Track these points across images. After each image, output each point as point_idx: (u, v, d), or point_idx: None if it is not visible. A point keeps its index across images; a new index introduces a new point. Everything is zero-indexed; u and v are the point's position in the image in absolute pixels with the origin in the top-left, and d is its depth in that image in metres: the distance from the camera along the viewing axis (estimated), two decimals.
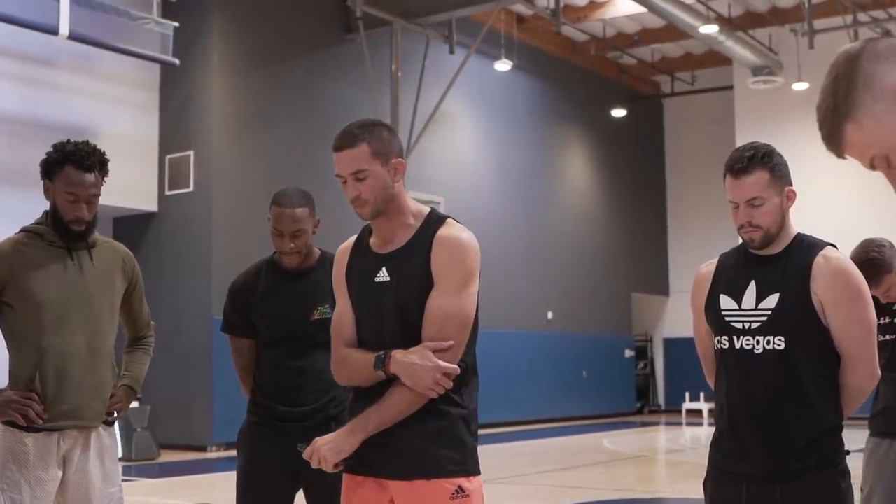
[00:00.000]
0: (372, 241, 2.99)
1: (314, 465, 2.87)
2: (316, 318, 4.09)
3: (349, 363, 2.93)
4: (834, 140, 1.68)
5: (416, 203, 2.99)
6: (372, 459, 2.85)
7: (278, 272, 4.18)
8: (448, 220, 2.94)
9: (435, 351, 2.78)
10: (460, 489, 2.82)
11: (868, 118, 1.63)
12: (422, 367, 2.76)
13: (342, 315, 3.00)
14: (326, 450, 2.83)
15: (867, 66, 1.64)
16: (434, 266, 2.85)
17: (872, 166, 1.67)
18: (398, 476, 2.84)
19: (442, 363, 2.77)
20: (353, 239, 3.09)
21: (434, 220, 2.94)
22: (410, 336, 2.83)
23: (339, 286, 3.04)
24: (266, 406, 4.14)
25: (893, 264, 4.42)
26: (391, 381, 2.81)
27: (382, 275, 2.91)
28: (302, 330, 4.10)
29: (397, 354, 2.79)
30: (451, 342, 2.80)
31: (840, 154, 1.70)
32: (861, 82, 1.63)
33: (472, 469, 2.87)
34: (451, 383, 2.80)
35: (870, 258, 4.23)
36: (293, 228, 4.02)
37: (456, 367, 2.81)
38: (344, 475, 2.97)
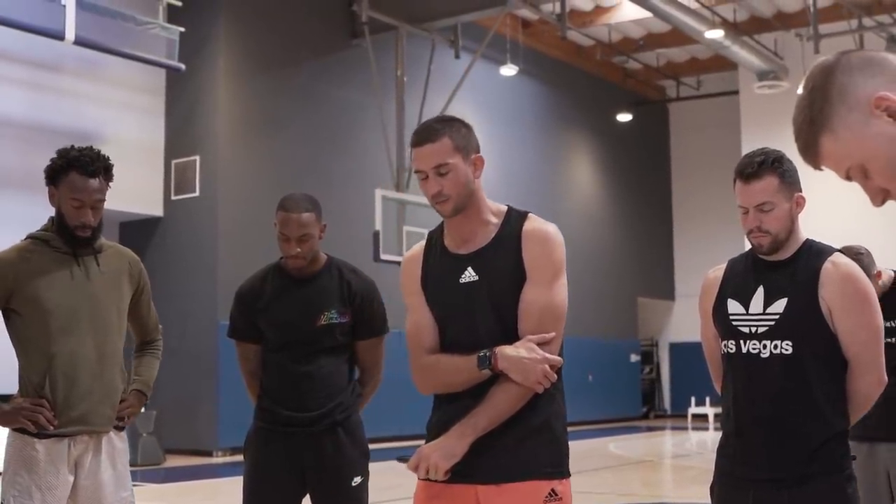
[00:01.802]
0: (447, 242, 2.93)
1: (421, 476, 2.78)
2: (322, 323, 4.09)
3: (438, 369, 2.84)
4: (810, 152, 1.68)
5: (491, 201, 2.95)
6: (473, 465, 2.75)
7: (285, 277, 4.18)
8: (530, 214, 2.91)
9: (538, 344, 2.75)
10: (553, 492, 2.77)
11: (843, 129, 1.63)
12: (531, 360, 2.71)
13: (421, 322, 2.91)
14: (438, 456, 2.73)
15: (841, 77, 1.64)
16: (526, 260, 2.82)
17: (848, 177, 1.68)
18: (494, 480, 2.76)
19: (549, 356, 2.75)
20: (419, 245, 3.01)
21: (517, 216, 2.90)
22: (507, 333, 2.78)
23: (412, 294, 2.95)
24: (272, 411, 4.13)
25: (871, 272, 4.45)
26: (484, 383, 2.75)
27: (469, 275, 2.85)
28: (308, 335, 4.09)
29: (506, 350, 2.73)
30: (553, 334, 2.79)
31: (816, 166, 1.70)
32: (836, 94, 1.64)
33: (565, 470, 2.83)
34: (556, 376, 2.78)
35: None
36: (299, 233, 4.02)
37: (561, 359, 2.79)
38: (417, 485, 2.88)
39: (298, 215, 4.02)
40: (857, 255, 4.40)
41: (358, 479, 4.11)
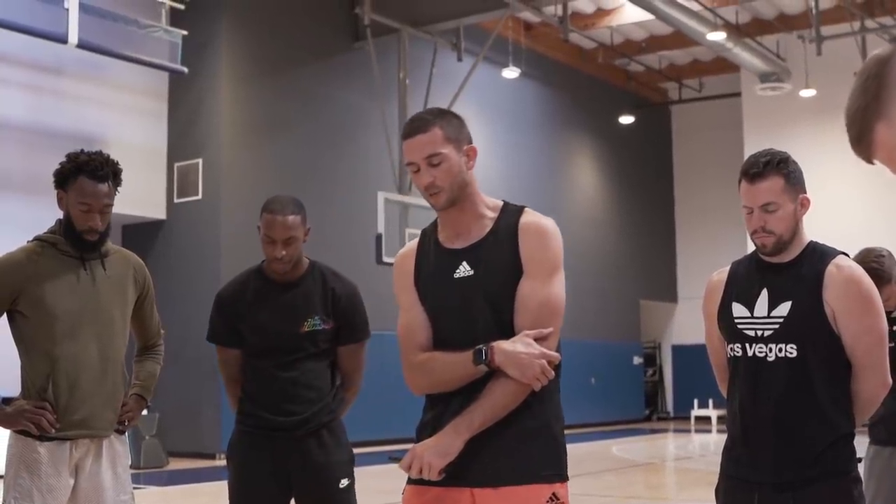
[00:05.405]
0: (441, 237, 2.83)
1: (414, 475, 2.63)
2: (306, 329, 4.03)
3: (433, 367, 2.72)
4: (864, 141, 1.65)
5: (487, 196, 2.88)
6: (469, 467, 2.63)
7: (267, 281, 4.12)
8: (526, 208, 2.83)
9: (536, 339, 2.65)
10: (554, 496, 2.69)
11: None
12: (528, 355, 2.61)
13: (414, 320, 2.80)
14: (431, 454, 2.60)
15: None
16: (523, 254, 2.73)
17: None
18: (491, 483, 2.65)
19: (547, 351, 2.64)
20: (413, 243, 2.92)
21: (513, 209, 2.82)
22: (503, 328, 2.68)
23: (404, 291, 2.84)
24: (256, 416, 4.06)
25: (893, 274, 4.43)
26: (478, 382, 2.65)
27: (464, 269, 2.75)
28: (293, 342, 4.02)
29: (503, 345, 2.62)
30: (550, 329, 2.69)
31: (868, 157, 1.67)
32: (892, 80, 1.61)
33: (564, 474, 2.74)
34: (553, 373, 2.67)
35: (870, 268, 4.21)
36: (285, 236, 3.97)
37: (558, 355, 2.68)
38: (406, 489, 2.77)
39: (284, 218, 3.97)
40: (879, 257, 4.39)
41: (345, 482, 4.06)
